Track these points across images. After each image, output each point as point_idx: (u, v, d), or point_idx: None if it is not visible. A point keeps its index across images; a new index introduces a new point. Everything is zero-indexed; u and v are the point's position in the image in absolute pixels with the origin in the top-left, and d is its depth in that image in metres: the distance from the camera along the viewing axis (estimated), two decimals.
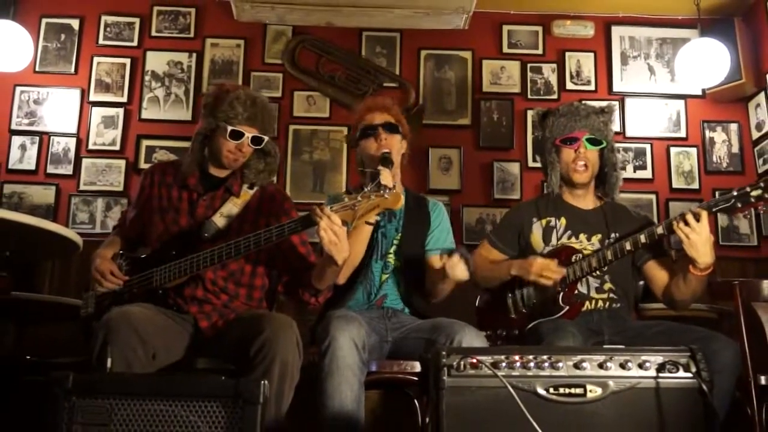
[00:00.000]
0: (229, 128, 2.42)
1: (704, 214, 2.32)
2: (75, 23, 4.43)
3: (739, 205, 2.32)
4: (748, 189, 2.31)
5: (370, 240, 2.53)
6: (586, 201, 2.70)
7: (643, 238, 2.41)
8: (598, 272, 2.54)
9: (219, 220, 2.44)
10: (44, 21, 4.42)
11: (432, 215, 2.72)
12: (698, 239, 2.31)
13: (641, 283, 2.74)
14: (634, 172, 4.32)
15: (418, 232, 2.67)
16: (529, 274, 2.51)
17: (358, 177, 2.80)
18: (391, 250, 2.62)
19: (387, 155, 2.52)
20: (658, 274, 2.59)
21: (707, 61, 4.07)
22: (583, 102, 2.76)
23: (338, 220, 2.13)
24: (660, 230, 2.41)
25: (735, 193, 2.33)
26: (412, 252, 2.63)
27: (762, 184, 2.29)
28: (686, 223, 2.31)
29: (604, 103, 2.80)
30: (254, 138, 2.46)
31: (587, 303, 2.54)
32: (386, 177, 2.33)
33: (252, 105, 2.45)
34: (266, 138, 2.50)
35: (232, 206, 2.47)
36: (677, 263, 2.54)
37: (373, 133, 2.61)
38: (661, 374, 1.76)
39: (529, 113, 4.39)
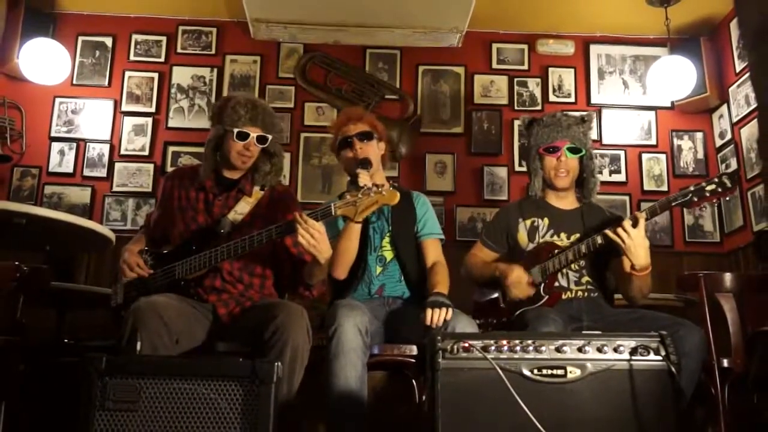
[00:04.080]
0: (235, 130, 2.42)
1: (642, 220, 2.31)
2: (108, 41, 4.43)
3: (696, 199, 2.33)
4: (703, 185, 2.33)
5: (364, 236, 2.52)
6: (566, 202, 2.70)
7: (610, 232, 2.41)
8: (574, 264, 2.54)
9: (233, 218, 2.44)
10: (80, 39, 4.41)
11: (417, 206, 2.70)
12: (632, 244, 2.31)
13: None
14: (610, 175, 4.31)
15: (407, 222, 2.65)
16: (505, 280, 2.52)
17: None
18: (385, 243, 2.60)
19: (365, 159, 2.51)
20: (619, 270, 2.59)
21: (676, 76, 4.07)
22: (565, 113, 2.73)
23: (315, 223, 2.15)
24: (599, 240, 2.42)
25: (692, 189, 2.34)
26: (404, 242, 2.61)
27: (716, 180, 2.31)
28: (623, 229, 2.31)
29: (584, 113, 2.78)
30: (259, 137, 2.45)
31: (567, 293, 2.54)
32: (363, 178, 2.34)
33: (253, 107, 2.45)
34: (270, 137, 2.49)
35: (245, 205, 2.47)
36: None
37: (349, 143, 2.60)
38: (633, 357, 1.76)
39: (516, 123, 4.38)
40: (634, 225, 2.31)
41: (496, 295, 2.63)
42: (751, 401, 2.50)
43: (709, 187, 2.31)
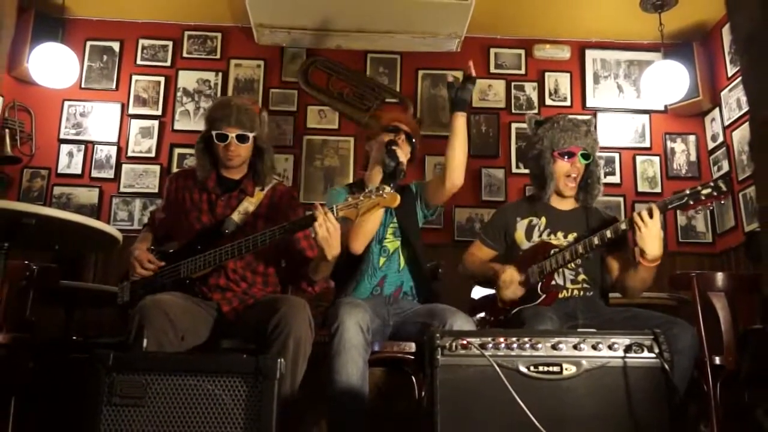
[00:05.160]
0: (214, 132, 2.43)
1: (656, 212, 2.32)
2: (116, 46, 4.43)
3: (691, 202, 2.32)
4: (699, 188, 2.33)
5: None
6: (564, 203, 2.69)
7: (609, 233, 2.41)
8: (571, 264, 2.54)
9: (237, 218, 2.44)
10: (89, 44, 4.42)
11: (415, 191, 2.73)
12: (648, 233, 2.31)
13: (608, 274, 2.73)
14: (605, 177, 4.29)
15: (410, 212, 2.65)
16: (497, 280, 2.53)
17: (361, 174, 2.80)
18: (388, 234, 2.60)
19: (400, 168, 2.44)
20: (614, 264, 2.60)
21: (669, 81, 4.07)
22: (576, 117, 2.71)
23: (333, 219, 2.15)
24: (623, 226, 2.40)
25: (688, 192, 2.33)
26: (409, 232, 2.61)
27: (711, 184, 2.31)
28: (641, 218, 2.32)
29: (585, 117, 2.77)
30: (239, 136, 2.43)
31: (564, 291, 2.54)
32: (400, 153, 2.43)
33: (227, 107, 2.43)
34: (251, 135, 2.45)
35: (248, 205, 2.47)
36: (635, 257, 2.53)
37: (395, 131, 2.63)
38: (628, 355, 1.75)
39: (513, 126, 4.39)
40: (651, 216, 2.31)
41: (493, 293, 2.63)
42: (742, 398, 2.50)
43: (704, 191, 2.30)
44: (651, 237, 2.31)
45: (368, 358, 2.20)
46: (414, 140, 2.68)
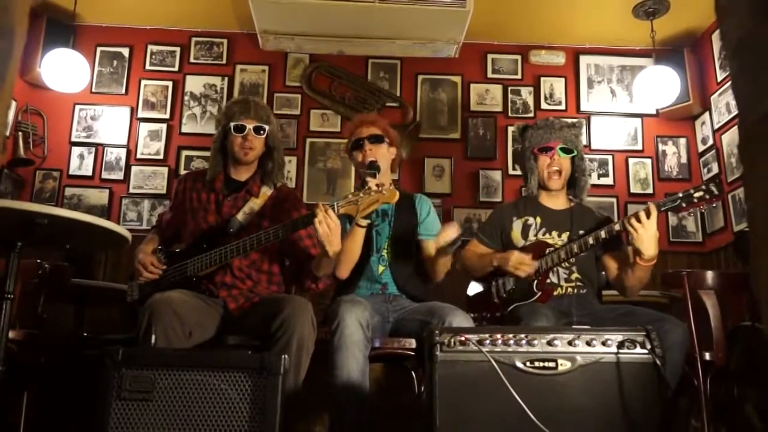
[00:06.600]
0: (232, 124, 2.45)
1: (654, 212, 2.31)
2: (125, 51, 4.43)
3: (684, 204, 2.32)
4: (691, 191, 2.31)
5: (368, 237, 2.51)
6: (558, 202, 2.69)
7: (603, 233, 2.40)
8: (566, 263, 2.53)
9: (242, 217, 2.44)
10: (99, 49, 4.41)
11: (418, 208, 2.69)
12: (644, 233, 2.29)
13: (603, 273, 2.73)
14: (598, 179, 4.31)
15: (407, 224, 2.64)
16: (507, 266, 2.50)
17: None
18: (385, 245, 2.59)
19: (373, 163, 2.46)
20: (612, 264, 2.59)
21: (660, 86, 4.07)
22: (557, 118, 2.75)
23: (334, 216, 2.14)
24: (617, 227, 2.40)
25: (681, 195, 2.32)
26: (402, 243, 2.60)
27: (703, 187, 2.29)
28: (637, 219, 2.30)
29: (574, 120, 2.79)
30: (256, 128, 2.48)
31: (558, 289, 2.54)
32: (371, 183, 2.28)
33: (244, 102, 2.52)
34: (267, 127, 2.51)
35: (253, 205, 2.48)
36: (630, 256, 2.52)
37: (360, 145, 2.59)
38: (621, 350, 1.75)
39: (510, 129, 4.37)
40: (648, 217, 2.30)
41: (490, 290, 2.63)
42: (731, 393, 2.50)
43: (697, 194, 2.30)
44: (648, 237, 2.30)
45: (368, 354, 2.19)
46: (383, 135, 2.61)
